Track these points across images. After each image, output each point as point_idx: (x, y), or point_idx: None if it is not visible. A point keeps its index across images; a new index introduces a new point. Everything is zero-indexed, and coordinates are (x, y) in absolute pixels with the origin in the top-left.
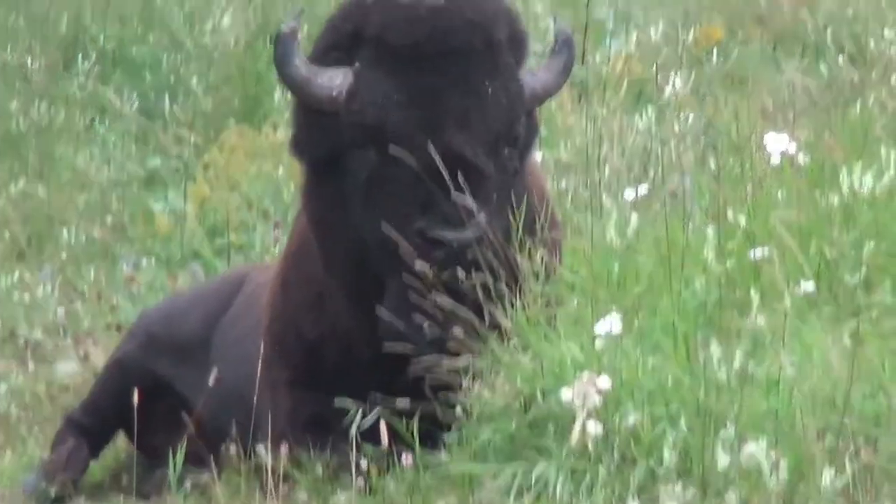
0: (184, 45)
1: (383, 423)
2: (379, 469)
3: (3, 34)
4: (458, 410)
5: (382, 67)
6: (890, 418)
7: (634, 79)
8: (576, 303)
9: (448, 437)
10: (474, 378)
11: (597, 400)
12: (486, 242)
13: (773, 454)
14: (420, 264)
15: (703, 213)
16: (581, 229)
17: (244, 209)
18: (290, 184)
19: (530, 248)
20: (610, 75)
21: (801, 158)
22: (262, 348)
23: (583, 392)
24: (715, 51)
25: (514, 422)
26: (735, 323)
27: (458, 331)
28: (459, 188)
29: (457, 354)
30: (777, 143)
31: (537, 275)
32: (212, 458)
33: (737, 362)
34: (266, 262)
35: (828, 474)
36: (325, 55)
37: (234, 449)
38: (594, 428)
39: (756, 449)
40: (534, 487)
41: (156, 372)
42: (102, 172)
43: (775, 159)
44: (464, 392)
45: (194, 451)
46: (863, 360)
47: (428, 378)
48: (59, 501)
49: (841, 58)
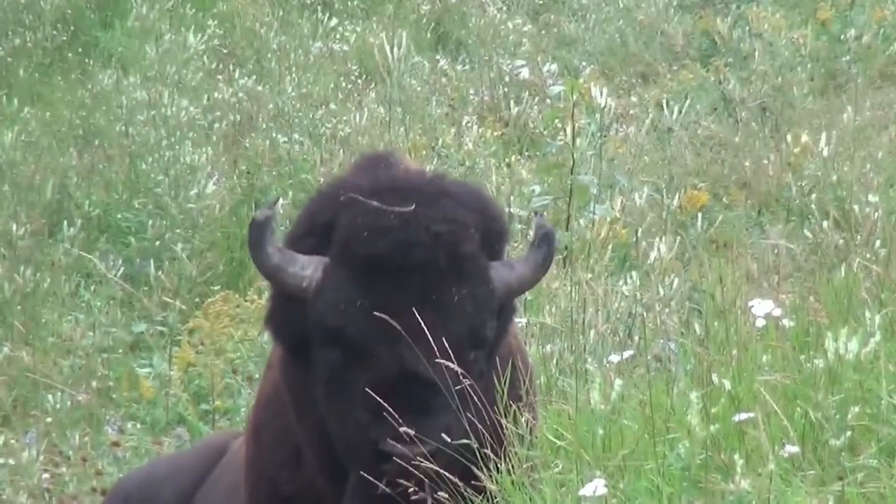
0: (169, 210)
1: None
2: None
3: None
4: None
5: (348, 271)
6: None
7: (619, 243)
8: (560, 466)
9: None
10: None
11: None
12: (444, 454)
13: None
14: (371, 476)
15: (688, 376)
16: (566, 394)
17: (229, 374)
18: None
19: (515, 412)
20: (594, 240)
21: (786, 322)
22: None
23: None
24: (699, 215)
25: None
26: (719, 486)
27: (443, 494)
28: (414, 403)
29: None
30: (762, 307)
31: (522, 438)
32: None
33: None
34: None
35: None
36: (301, 240)
37: None
38: None
39: None
40: None
41: None
42: (88, 337)
43: (760, 323)
44: None
45: None
46: None
47: None
48: None
49: (825, 222)
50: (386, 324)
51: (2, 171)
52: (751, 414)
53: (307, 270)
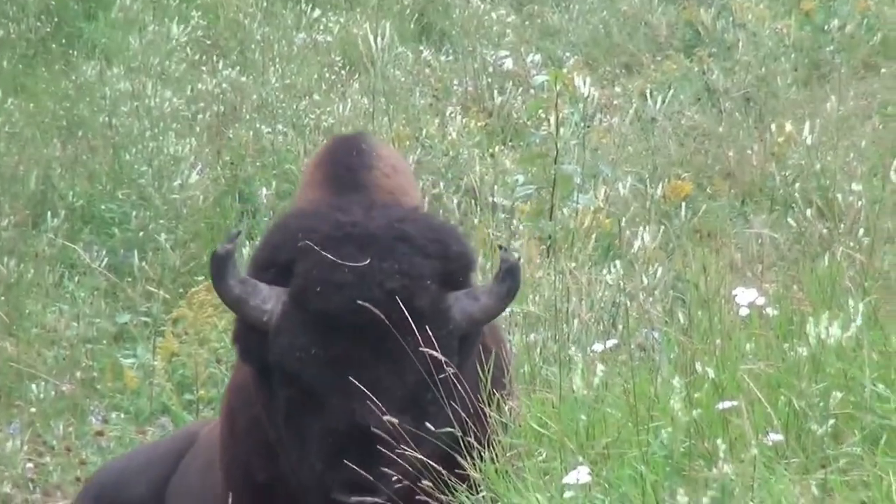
0: (152, 201)
1: None
2: None
3: None
4: None
5: (303, 319)
6: None
7: (603, 233)
8: (544, 454)
9: None
10: None
11: None
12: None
13: None
14: None
15: (671, 365)
16: (550, 382)
17: (213, 364)
18: None
19: (499, 400)
20: (578, 229)
21: (770, 311)
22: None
23: None
24: (683, 205)
25: None
26: (703, 474)
27: (426, 483)
28: (365, 456)
29: None
30: (745, 296)
31: (506, 426)
32: None
33: None
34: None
35: None
36: (265, 270)
37: None
38: None
39: None
40: None
41: None
42: (72, 328)
43: (744, 312)
44: None
45: None
46: None
47: None
48: None
49: (809, 211)
50: (339, 375)
51: None
52: (734, 402)
53: (268, 304)
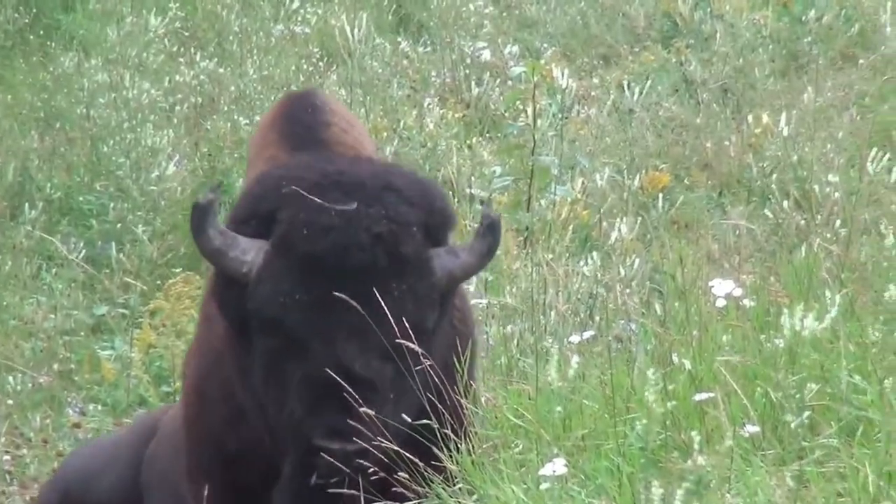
0: (130, 193)
1: None
2: None
3: None
4: None
5: (287, 264)
6: None
7: (580, 224)
8: (520, 446)
9: None
10: None
11: None
12: (375, 453)
13: None
14: (303, 469)
15: (648, 356)
16: (526, 374)
17: None
18: None
19: (475, 392)
20: (555, 221)
21: (747, 302)
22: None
23: None
24: (661, 196)
25: None
26: (679, 465)
27: (403, 474)
28: (348, 400)
29: (403, 498)
30: (722, 287)
31: (483, 418)
32: None
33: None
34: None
35: None
36: (245, 223)
37: None
38: None
39: None
40: None
41: None
42: (49, 320)
43: (720, 303)
44: None
45: None
46: (807, 502)
47: None
48: None
49: (786, 202)
50: (323, 319)
51: None
52: (711, 394)
53: (248, 255)
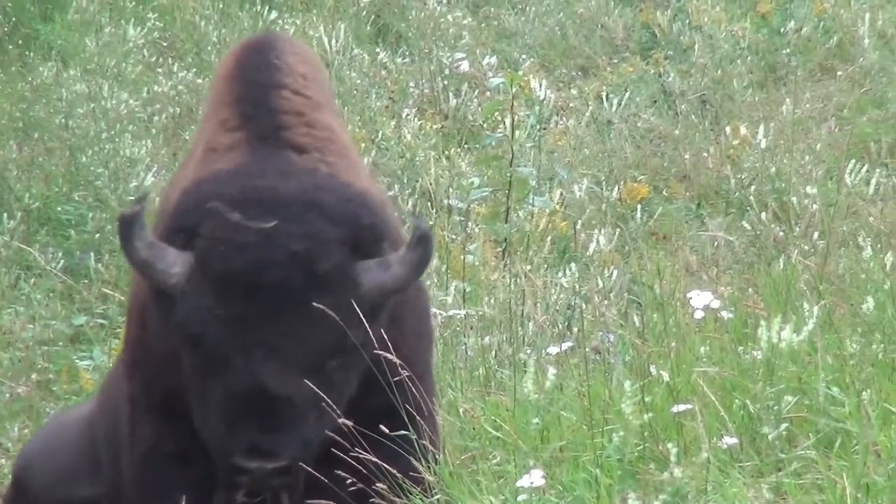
0: (109, 203)
1: None
2: None
3: None
4: None
5: (208, 280)
6: None
7: (558, 235)
8: (498, 457)
9: None
10: None
11: None
12: (298, 468)
13: None
14: (228, 487)
15: (626, 368)
16: (504, 385)
17: None
18: None
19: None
20: (533, 232)
21: (725, 314)
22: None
23: None
24: (639, 208)
25: None
26: (657, 477)
27: (381, 485)
28: (267, 417)
29: None
30: (700, 299)
31: (462, 429)
32: None
33: None
34: None
35: None
36: (175, 233)
37: None
38: None
39: None
40: None
41: None
42: (27, 330)
43: (699, 315)
44: None
45: None
46: None
47: None
48: None
49: (764, 214)
50: (242, 336)
51: None
52: (689, 405)
53: (175, 268)
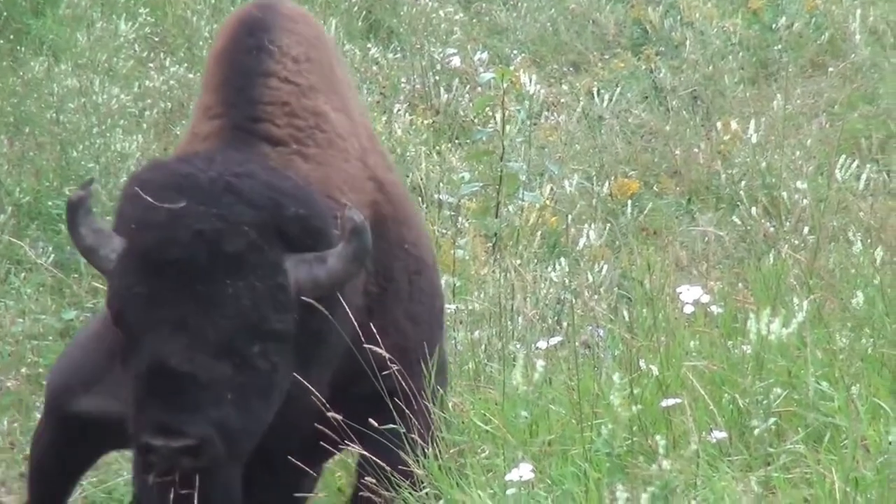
0: (99, 198)
1: None
2: None
3: None
4: None
5: (128, 260)
6: None
7: (548, 230)
8: (487, 451)
9: None
10: None
11: None
12: (208, 449)
13: None
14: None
15: (615, 362)
16: (494, 379)
17: None
18: None
19: (442, 397)
20: (523, 226)
21: (715, 309)
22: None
23: None
24: (630, 203)
25: None
26: (646, 471)
27: (369, 479)
28: (173, 396)
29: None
30: (690, 293)
31: (449, 423)
32: None
33: None
34: None
35: None
36: (115, 221)
37: None
38: None
39: None
40: None
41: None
42: (17, 324)
43: (688, 309)
44: None
45: None
46: None
47: None
48: None
49: (754, 209)
50: (152, 314)
51: None
52: (678, 399)
53: (113, 253)
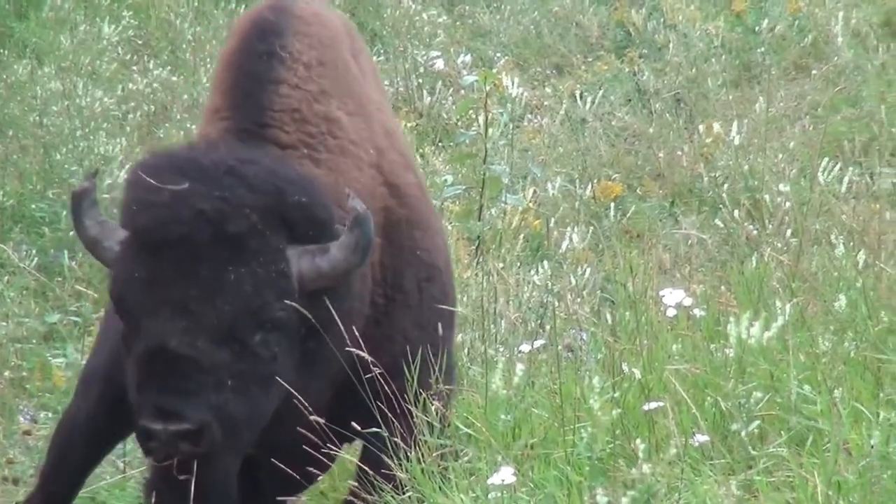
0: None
1: None
2: None
3: None
4: None
5: (129, 245)
6: None
7: (531, 233)
8: (470, 454)
9: None
10: None
11: None
12: (207, 434)
13: None
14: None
15: (598, 365)
16: (477, 383)
17: None
18: None
19: (425, 400)
20: (506, 229)
21: (697, 312)
22: None
23: None
24: (613, 206)
25: None
26: (628, 475)
27: (353, 483)
28: (173, 379)
29: None
30: (673, 296)
31: (432, 426)
32: None
33: None
34: None
35: None
36: (123, 210)
37: None
38: None
39: None
40: None
41: None
42: (1, 328)
43: (671, 313)
44: None
45: None
46: None
47: None
48: None
49: (737, 212)
50: (155, 298)
51: None
52: (660, 403)
53: (116, 245)
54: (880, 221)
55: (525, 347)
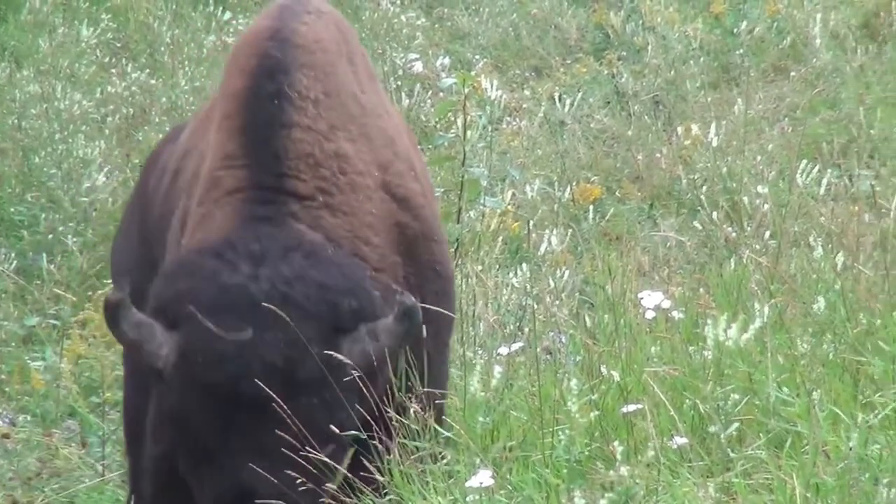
0: (61, 204)
1: None
2: None
3: None
4: None
5: (190, 385)
6: None
7: (510, 235)
8: (448, 457)
9: None
10: None
11: None
12: None
13: None
14: None
15: (577, 367)
16: (455, 386)
17: (119, 367)
18: None
19: (403, 404)
20: (485, 232)
21: (676, 314)
22: None
23: None
24: (591, 208)
25: None
26: (607, 477)
27: (331, 485)
28: None
29: None
30: (651, 299)
31: (410, 430)
32: None
33: None
34: None
35: None
36: (159, 314)
37: None
38: None
39: None
40: None
41: None
42: None
43: (650, 315)
44: None
45: None
46: None
47: None
48: None
49: (716, 214)
50: (227, 437)
51: None
52: (639, 405)
53: (163, 350)
54: (859, 223)
55: (504, 350)
